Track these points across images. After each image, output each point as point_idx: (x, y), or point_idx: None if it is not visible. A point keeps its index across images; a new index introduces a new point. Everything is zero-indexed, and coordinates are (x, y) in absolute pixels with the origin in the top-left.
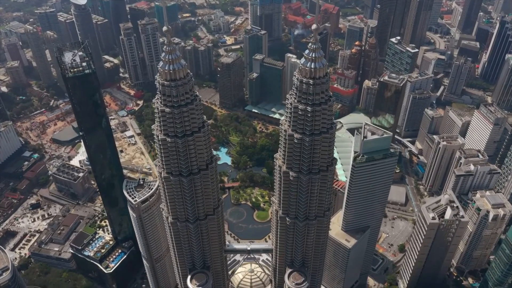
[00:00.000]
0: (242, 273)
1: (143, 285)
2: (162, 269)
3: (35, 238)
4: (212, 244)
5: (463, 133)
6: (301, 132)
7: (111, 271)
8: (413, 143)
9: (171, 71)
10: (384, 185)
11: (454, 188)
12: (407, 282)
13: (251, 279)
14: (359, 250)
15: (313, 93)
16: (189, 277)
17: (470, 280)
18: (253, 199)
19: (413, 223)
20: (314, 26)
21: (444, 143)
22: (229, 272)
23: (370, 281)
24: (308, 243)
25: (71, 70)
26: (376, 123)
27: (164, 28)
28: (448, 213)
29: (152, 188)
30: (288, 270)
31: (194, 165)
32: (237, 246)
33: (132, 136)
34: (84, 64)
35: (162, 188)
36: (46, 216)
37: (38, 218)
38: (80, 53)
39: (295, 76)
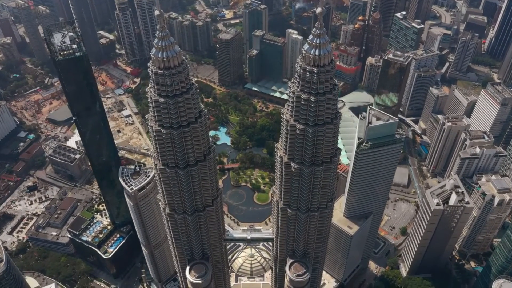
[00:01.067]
0: (242, 258)
1: (143, 269)
2: (161, 256)
3: (33, 221)
4: (211, 235)
5: (469, 112)
6: (303, 123)
7: (109, 256)
8: (416, 122)
9: (164, 59)
10: (389, 171)
11: (459, 171)
12: (409, 266)
13: (251, 264)
14: (361, 236)
15: (317, 82)
16: (187, 268)
17: (472, 264)
18: (253, 181)
19: (416, 205)
20: (318, 10)
21: (449, 124)
22: (229, 257)
23: (372, 264)
24: (310, 234)
25: (61, 53)
26: (379, 102)
27: (156, 12)
28: (453, 199)
29: (149, 176)
30: (289, 261)
31: (191, 156)
32: (236, 235)
33: (129, 116)
34: (74, 46)
35: (158, 180)
36: (43, 198)
37: (35, 200)
38: (71, 33)
39: (297, 63)
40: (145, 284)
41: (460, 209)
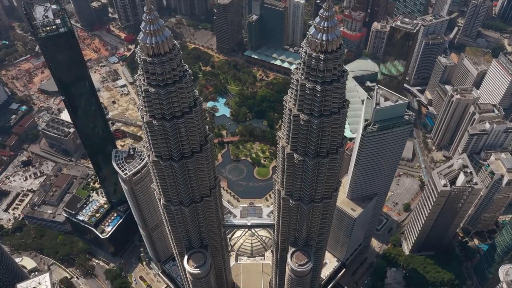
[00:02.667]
0: (242, 237)
1: (141, 248)
2: (159, 237)
3: (28, 198)
4: (209, 224)
5: (478, 83)
6: (308, 113)
7: (107, 236)
8: (422, 92)
9: (153, 45)
10: (396, 153)
11: (466, 148)
12: (412, 244)
13: (251, 243)
14: (365, 218)
15: (324, 69)
16: (186, 257)
17: (476, 241)
18: (253, 155)
19: (420, 180)
20: None
21: (458, 96)
22: (229, 236)
23: (374, 242)
24: (313, 224)
25: (44, 29)
26: (384, 71)
27: None
28: (461, 180)
29: (144, 159)
30: (291, 249)
31: (186, 148)
32: (236, 221)
33: (124, 86)
34: (58, 21)
35: (152, 172)
36: (38, 174)
37: (30, 176)
38: (54, 6)
39: (302, 48)
40: (144, 263)
41: (468, 190)
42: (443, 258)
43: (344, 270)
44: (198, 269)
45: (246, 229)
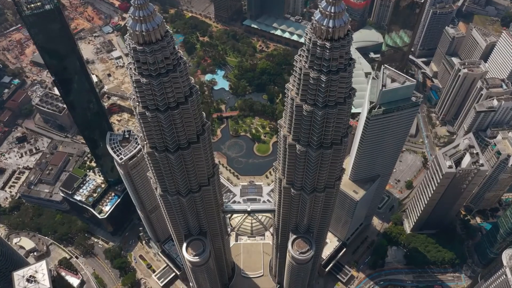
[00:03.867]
0: (242, 216)
1: (140, 228)
2: (157, 218)
3: (25, 175)
4: (208, 212)
5: (486, 56)
6: (312, 104)
7: (105, 216)
8: (427, 64)
9: (143, 33)
10: (402, 135)
11: (472, 125)
12: (413, 223)
13: (251, 223)
14: (367, 199)
15: (330, 58)
16: (184, 245)
17: (478, 220)
18: (253, 130)
19: (423, 157)
20: None
21: (465, 70)
22: (228, 216)
23: (375, 220)
24: (315, 212)
25: (28, 6)
26: (389, 42)
27: None
28: (467, 161)
29: (139, 143)
30: (292, 236)
31: (182, 139)
32: (236, 206)
33: (119, 57)
34: None
35: (147, 161)
36: (34, 151)
37: (25, 153)
38: None
39: (306, 35)
40: (143, 242)
41: (474, 172)
42: (444, 237)
43: (344, 249)
44: (197, 257)
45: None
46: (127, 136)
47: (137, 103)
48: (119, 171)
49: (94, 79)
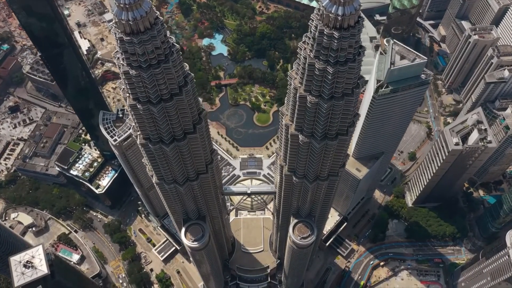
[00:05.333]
0: (242, 186)
1: (139, 202)
2: (156, 196)
3: (19, 147)
4: (207, 198)
5: (498, 20)
6: (317, 95)
7: (102, 191)
8: (435, 27)
9: (130, 22)
10: (409, 113)
11: (481, 96)
12: (415, 196)
13: (251, 197)
14: (370, 176)
15: (338, 48)
16: (183, 230)
17: (481, 192)
18: (253, 99)
19: (427, 127)
20: None
21: (476, 37)
22: (228, 201)
23: (376, 192)
24: (317, 198)
25: None
26: (396, 4)
27: None
28: (474, 137)
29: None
30: (293, 221)
31: (178, 130)
32: (235, 188)
33: (112, 20)
34: None
35: (142, 151)
36: (28, 121)
37: (19, 123)
38: None
39: (312, 22)
40: (142, 215)
41: (481, 149)
42: (446, 211)
43: (345, 224)
44: (196, 243)
45: (247, 185)
46: (120, 115)
47: (127, 95)
48: (114, 151)
49: (86, 44)
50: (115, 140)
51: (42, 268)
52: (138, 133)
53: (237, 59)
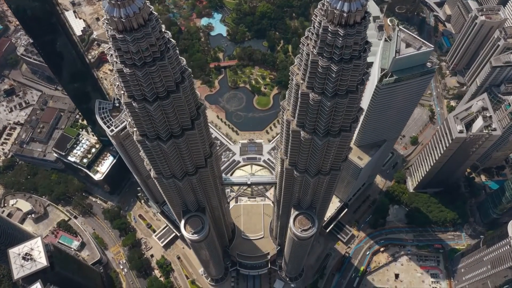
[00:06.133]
0: (242, 177)
1: (138, 188)
2: (155, 183)
3: (16, 131)
4: (206, 191)
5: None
6: (320, 92)
7: (101, 177)
8: (440, 5)
9: (122, 19)
10: (413, 101)
11: (486, 80)
12: (417, 182)
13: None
14: (372, 164)
15: (343, 46)
16: (182, 222)
17: (483, 178)
18: (253, 82)
19: (430, 110)
20: None
21: (483, 18)
22: (228, 175)
23: (377, 178)
24: (318, 191)
25: None
26: None
27: None
28: (478, 124)
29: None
30: (294, 212)
31: (175, 127)
32: (235, 179)
33: None
34: None
35: (139, 146)
36: (24, 105)
37: (15, 107)
38: None
39: (315, 17)
40: (142, 201)
41: (485, 137)
42: (447, 196)
43: (346, 210)
44: (195, 235)
45: (247, 171)
46: (117, 104)
47: (122, 92)
48: (111, 141)
49: (82, 24)
50: (112, 130)
51: (41, 261)
52: (135, 129)
53: (237, 40)
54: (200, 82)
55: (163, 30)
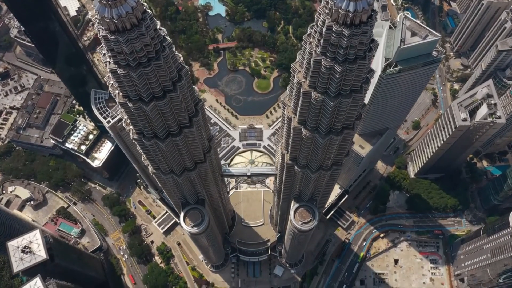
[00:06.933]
0: (241, 163)
1: (137, 174)
2: None
3: (12, 116)
4: (206, 185)
5: None
6: (322, 92)
7: (99, 164)
8: None
9: (114, 20)
10: (418, 90)
11: (491, 64)
12: (418, 168)
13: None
14: (374, 152)
15: (347, 46)
16: (182, 214)
17: (485, 163)
18: (252, 64)
19: (433, 94)
20: None
21: None
22: (228, 162)
23: (378, 163)
24: (319, 185)
25: None
26: None
27: None
28: (483, 112)
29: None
30: (295, 205)
31: (173, 126)
32: (234, 170)
33: None
34: None
35: (135, 144)
36: (19, 88)
37: (10, 91)
38: None
39: (319, 15)
40: (141, 187)
41: (489, 125)
42: (449, 182)
43: (346, 196)
44: (195, 228)
45: (247, 157)
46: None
47: (117, 92)
48: (108, 131)
49: (76, 4)
50: (109, 122)
51: (41, 254)
52: (131, 127)
53: (236, 20)
54: (198, 64)
55: (158, 27)
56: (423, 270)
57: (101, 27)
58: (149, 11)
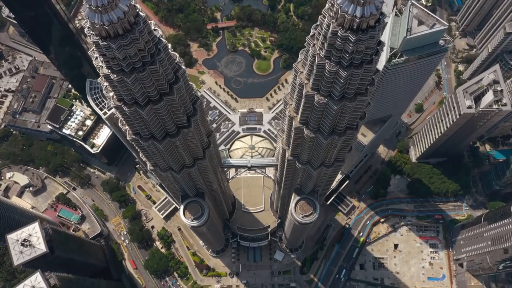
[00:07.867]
0: (241, 149)
1: (136, 159)
2: None
3: (8, 99)
4: (205, 179)
5: None
6: (326, 95)
7: (98, 150)
8: None
9: (105, 26)
10: (423, 79)
11: (498, 46)
12: (420, 152)
13: (251, 156)
14: (376, 140)
15: (353, 51)
16: (182, 207)
17: (487, 147)
18: (252, 44)
19: (437, 75)
20: None
21: None
22: (227, 147)
23: (380, 147)
24: (320, 180)
25: None
26: None
27: None
28: (488, 99)
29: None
30: (295, 198)
31: (170, 127)
32: (234, 162)
33: None
34: None
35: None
36: (14, 70)
37: (4, 73)
38: None
39: (323, 18)
40: (141, 172)
41: (494, 112)
42: (450, 167)
43: (347, 181)
44: (195, 222)
45: (247, 142)
46: None
47: (111, 95)
48: (105, 121)
49: None
50: (105, 113)
51: (40, 247)
52: (127, 127)
53: None
54: (197, 45)
55: (153, 29)
56: (423, 254)
57: (91, 32)
58: (142, 14)
